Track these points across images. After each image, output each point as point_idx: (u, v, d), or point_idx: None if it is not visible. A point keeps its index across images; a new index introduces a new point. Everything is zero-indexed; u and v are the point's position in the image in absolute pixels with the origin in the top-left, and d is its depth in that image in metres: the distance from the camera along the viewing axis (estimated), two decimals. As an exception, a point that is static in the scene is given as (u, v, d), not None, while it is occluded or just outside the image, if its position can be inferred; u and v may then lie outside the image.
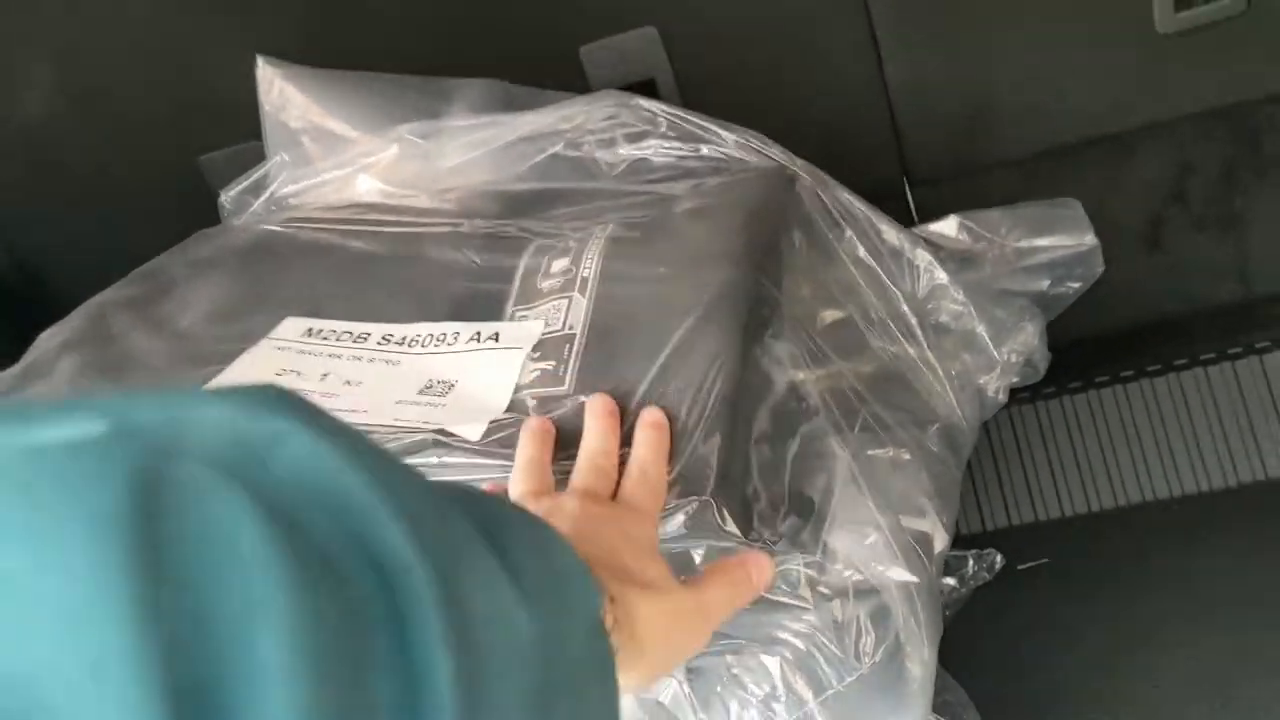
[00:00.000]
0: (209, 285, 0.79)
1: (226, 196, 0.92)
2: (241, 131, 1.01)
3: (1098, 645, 0.83)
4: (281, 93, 0.93)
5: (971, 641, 0.79)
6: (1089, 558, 0.91)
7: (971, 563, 0.86)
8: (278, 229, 0.84)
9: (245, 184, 0.92)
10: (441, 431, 0.62)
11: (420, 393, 0.66)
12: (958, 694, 0.74)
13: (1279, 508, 0.91)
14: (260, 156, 0.97)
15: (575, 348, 0.66)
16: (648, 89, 0.96)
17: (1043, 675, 0.81)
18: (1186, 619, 0.83)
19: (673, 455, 0.59)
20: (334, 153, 0.91)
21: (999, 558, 0.86)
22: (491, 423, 0.62)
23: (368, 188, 0.87)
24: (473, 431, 0.61)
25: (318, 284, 0.77)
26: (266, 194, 0.91)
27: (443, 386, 0.66)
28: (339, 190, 0.90)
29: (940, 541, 0.72)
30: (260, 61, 0.93)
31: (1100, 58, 0.92)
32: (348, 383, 0.68)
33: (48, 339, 0.76)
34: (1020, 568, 0.89)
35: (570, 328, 0.67)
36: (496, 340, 0.68)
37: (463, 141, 0.86)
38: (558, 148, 0.85)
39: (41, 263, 1.10)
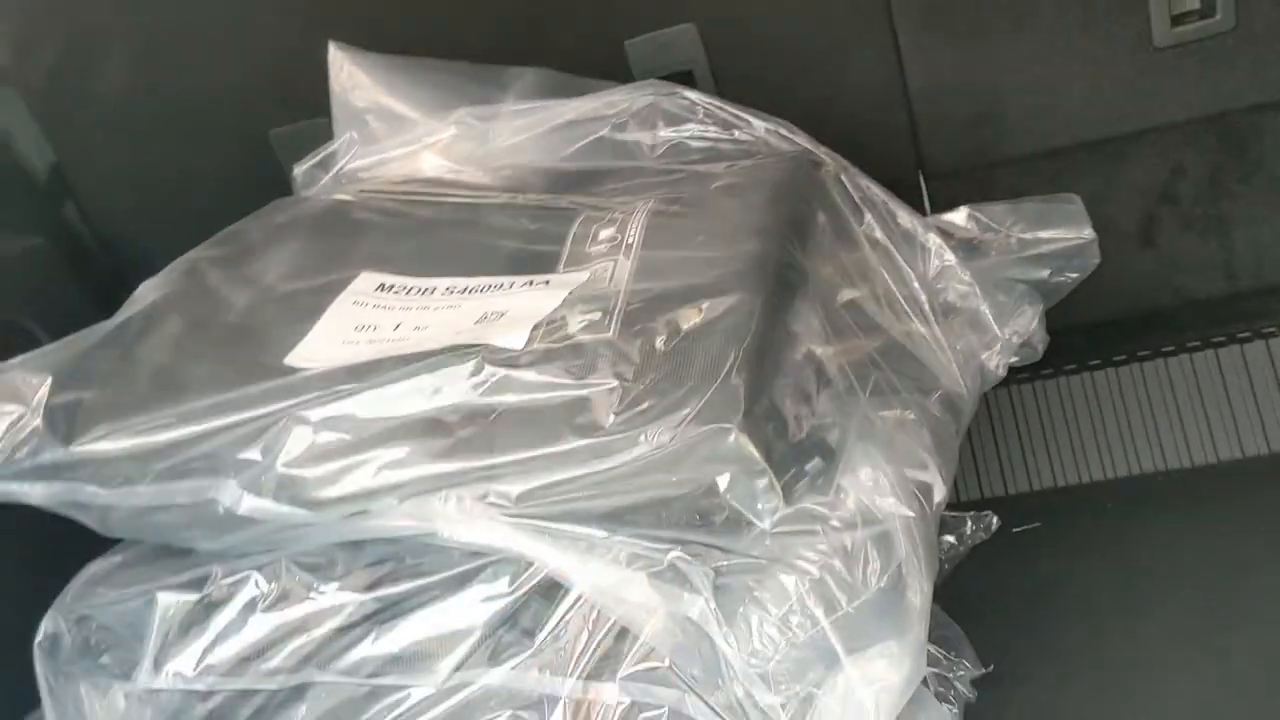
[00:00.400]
0: (289, 247, 0.87)
1: (299, 170, 1.00)
2: (309, 109, 1.09)
3: (1084, 601, 0.91)
4: (350, 75, 1.01)
5: (968, 593, 0.87)
6: (1078, 524, 0.99)
7: (969, 523, 0.93)
8: (349, 198, 0.93)
9: (316, 159, 1.00)
10: (488, 348, 0.70)
11: (476, 323, 0.75)
12: (954, 630, 0.82)
13: (1254, 483, 0.99)
14: (326, 133, 1.05)
15: (619, 301, 0.74)
16: (685, 80, 1.05)
17: (1032, 625, 0.89)
18: (1166, 580, 0.91)
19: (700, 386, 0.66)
20: (397, 132, 0.99)
21: (995, 519, 0.94)
22: (534, 329, 0.70)
23: (431, 164, 0.96)
24: (516, 340, 0.70)
25: (388, 246, 0.85)
26: (335, 169, 0.99)
27: (495, 315, 0.75)
28: (401, 166, 0.98)
29: (939, 492, 0.80)
30: (331, 46, 1.01)
31: (1102, 68, 1.01)
32: (417, 328, 0.76)
33: (147, 291, 0.84)
34: (1015, 530, 0.96)
35: (615, 285, 0.75)
36: (548, 284, 0.77)
37: (517, 124, 0.95)
38: (603, 131, 0.93)
39: (116, 227, 1.19)
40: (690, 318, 0.71)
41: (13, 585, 0.95)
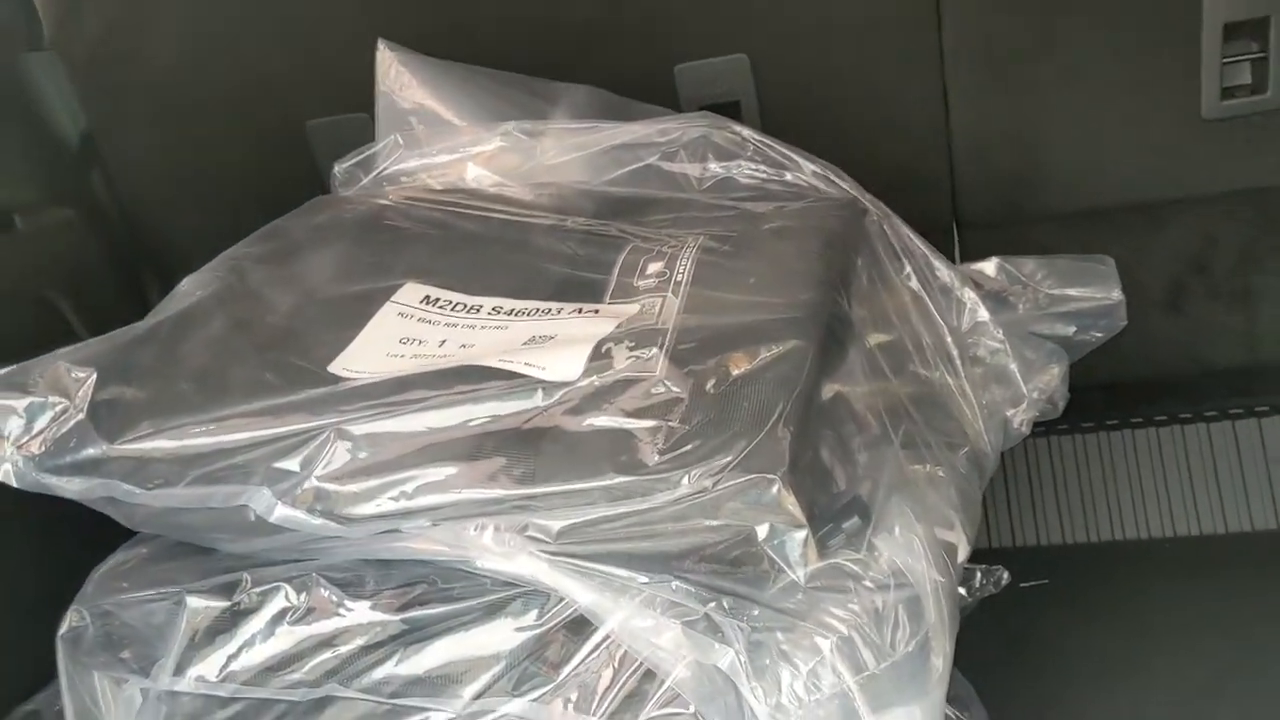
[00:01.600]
0: (331, 250, 0.87)
1: (339, 169, 0.99)
2: (349, 103, 1.09)
3: (1093, 662, 0.91)
4: (398, 76, 1.01)
5: (975, 646, 0.87)
6: (1085, 583, 1.00)
7: (979, 575, 0.94)
8: (391, 203, 0.92)
9: (356, 159, 0.99)
10: (538, 377, 0.70)
11: (524, 345, 0.75)
12: (966, 688, 0.83)
13: (1262, 556, 1.00)
14: (364, 129, 1.05)
15: (669, 339, 0.74)
16: (732, 110, 1.05)
17: (1041, 684, 0.90)
18: (1174, 647, 0.92)
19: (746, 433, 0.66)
20: (441, 138, 0.99)
21: (1005, 574, 0.94)
22: (589, 364, 0.70)
23: (475, 174, 0.95)
24: (568, 371, 0.70)
25: (433, 257, 0.85)
26: (376, 171, 0.98)
27: (543, 339, 0.75)
28: (444, 174, 0.98)
29: (963, 553, 0.81)
30: (381, 45, 1.01)
31: (1147, 133, 1.01)
32: (463, 346, 0.76)
33: (191, 288, 0.83)
34: (1022, 585, 0.97)
35: (663, 323, 0.75)
36: (597, 314, 0.77)
37: (566, 143, 0.95)
38: (652, 159, 0.93)
39: (143, 204, 1.18)
40: (740, 362, 0.71)
41: (25, 562, 0.95)
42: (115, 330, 0.79)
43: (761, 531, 0.67)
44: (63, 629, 0.77)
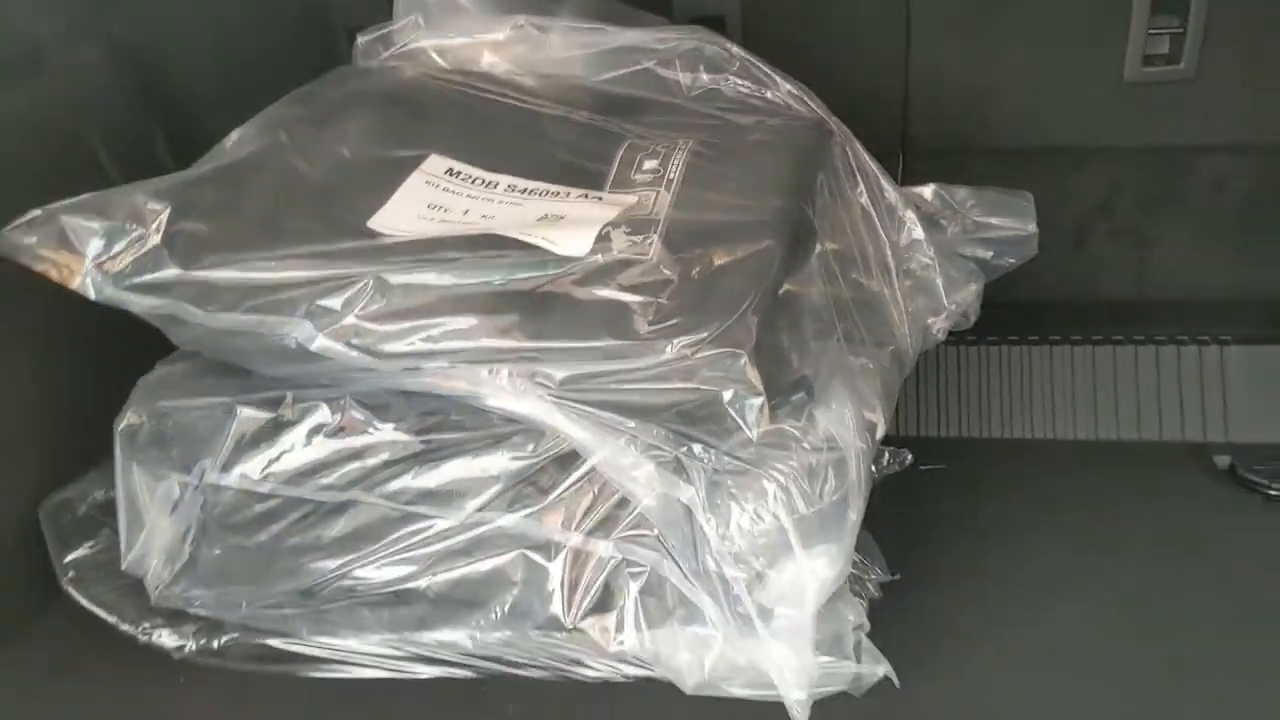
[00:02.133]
0: (362, 116, 0.97)
1: (361, 41, 1.08)
2: None
3: (974, 534, 1.06)
4: (419, -42, 1.10)
5: (879, 513, 1.03)
6: (975, 469, 1.16)
7: (887, 456, 1.10)
8: (415, 78, 1.02)
9: (378, 34, 1.08)
10: (552, 250, 0.83)
11: (538, 221, 0.87)
12: (869, 540, 0.99)
13: (1124, 462, 1.18)
14: (379, 3, 1.13)
15: (659, 229, 0.86)
16: (717, 24, 1.16)
17: (927, 543, 1.06)
18: (1043, 528, 1.07)
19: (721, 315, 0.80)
20: (457, 23, 1.08)
21: (909, 456, 1.10)
22: (596, 242, 0.82)
23: (488, 60, 1.06)
24: (578, 248, 0.83)
25: (454, 133, 0.96)
26: (395, 47, 1.08)
27: (555, 218, 0.87)
28: (457, 55, 1.08)
29: (880, 432, 0.96)
30: None
31: (1077, 88, 1.16)
32: (484, 216, 0.88)
33: (244, 141, 0.92)
34: (922, 467, 1.13)
35: (657, 214, 0.88)
36: (600, 200, 0.89)
37: (572, 40, 1.05)
38: (649, 64, 1.04)
39: (160, 63, 1.24)
40: (721, 256, 0.85)
41: (50, 366, 1.05)
42: (174, 173, 0.89)
43: (727, 396, 0.80)
44: (121, 425, 0.89)
